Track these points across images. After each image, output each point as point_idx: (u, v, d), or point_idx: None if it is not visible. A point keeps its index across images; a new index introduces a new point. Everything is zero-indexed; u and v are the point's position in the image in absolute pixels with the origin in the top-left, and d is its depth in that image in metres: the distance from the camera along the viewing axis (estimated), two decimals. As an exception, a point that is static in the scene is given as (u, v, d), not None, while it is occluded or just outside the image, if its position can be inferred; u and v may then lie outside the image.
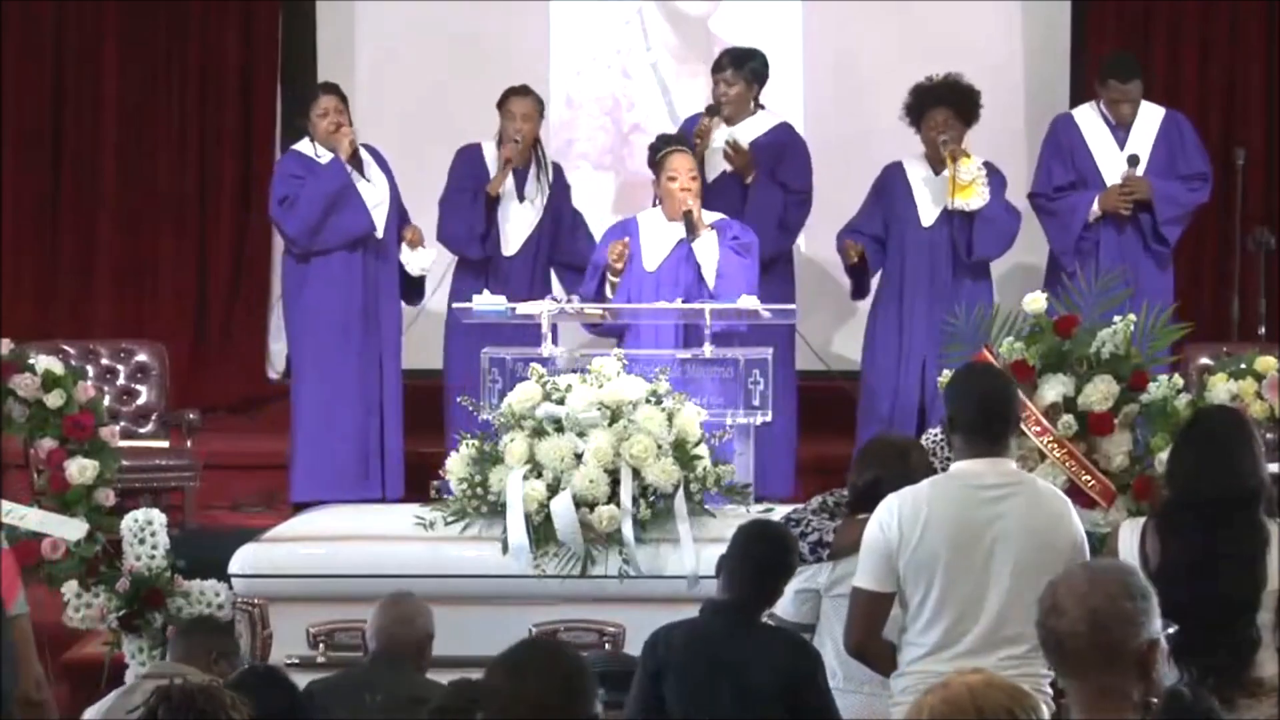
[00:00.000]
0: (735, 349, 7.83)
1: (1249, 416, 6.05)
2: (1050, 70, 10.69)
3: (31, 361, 7.47)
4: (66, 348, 9.06)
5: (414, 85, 10.60)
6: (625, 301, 8.27)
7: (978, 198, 8.86)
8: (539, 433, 6.96)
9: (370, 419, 8.94)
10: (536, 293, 8.86)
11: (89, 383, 7.74)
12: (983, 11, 10.67)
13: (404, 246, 9.02)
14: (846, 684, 5.42)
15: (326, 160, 8.91)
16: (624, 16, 10.86)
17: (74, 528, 7.24)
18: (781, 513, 6.10)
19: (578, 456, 6.89)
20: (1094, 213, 9.08)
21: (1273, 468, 5.53)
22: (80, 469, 7.37)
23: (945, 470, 5.32)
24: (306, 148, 9.00)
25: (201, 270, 10.83)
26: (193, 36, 10.73)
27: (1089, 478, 6.95)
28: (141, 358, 9.39)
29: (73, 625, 6.90)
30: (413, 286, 9.15)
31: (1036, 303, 7.20)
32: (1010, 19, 10.72)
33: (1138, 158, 9.10)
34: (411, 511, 7.20)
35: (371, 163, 9.04)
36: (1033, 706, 3.31)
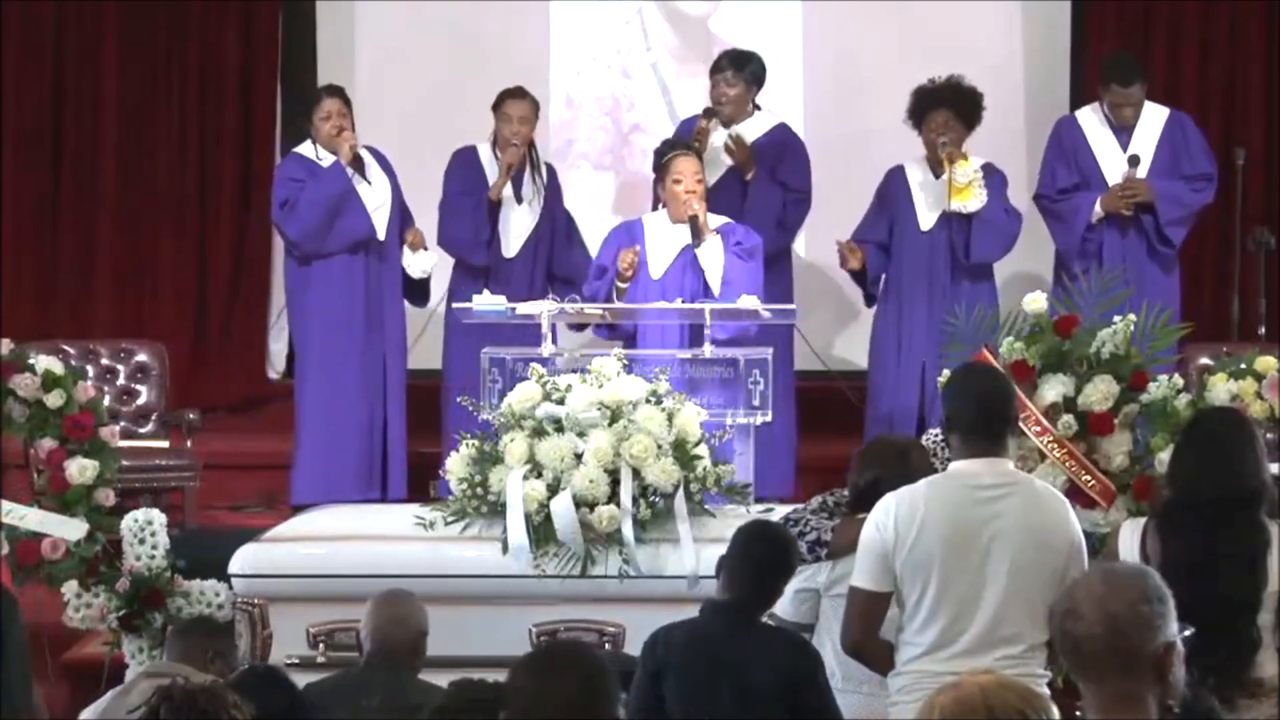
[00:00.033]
0: (736, 349, 7.82)
1: (1250, 417, 6.05)
2: (1050, 70, 10.70)
3: (31, 361, 7.46)
4: (66, 348, 9.06)
5: (414, 85, 10.60)
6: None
7: (975, 200, 8.86)
8: (539, 433, 6.95)
9: (373, 422, 8.93)
10: (536, 293, 8.85)
11: (89, 383, 7.72)
12: (983, 11, 10.67)
13: (405, 249, 9.02)
14: (845, 684, 5.42)
15: (328, 163, 8.90)
16: (624, 16, 10.86)
17: (74, 528, 7.23)
18: (781, 513, 6.10)
19: (578, 456, 6.88)
20: (1096, 213, 9.08)
21: (1273, 468, 5.53)
22: (80, 469, 7.36)
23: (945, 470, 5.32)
24: (308, 150, 8.99)
25: (201, 270, 10.83)
26: (193, 36, 10.73)
27: (1089, 478, 6.94)
28: (141, 358, 9.38)
29: (73, 625, 6.91)
30: (416, 289, 9.14)
31: (1036, 303, 7.19)
32: (1010, 19, 10.72)
33: (1138, 158, 9.09)
34: (411, 511, 7.19)
35: (374, 165, 9.03)
36: (1044, 707, 3.31)
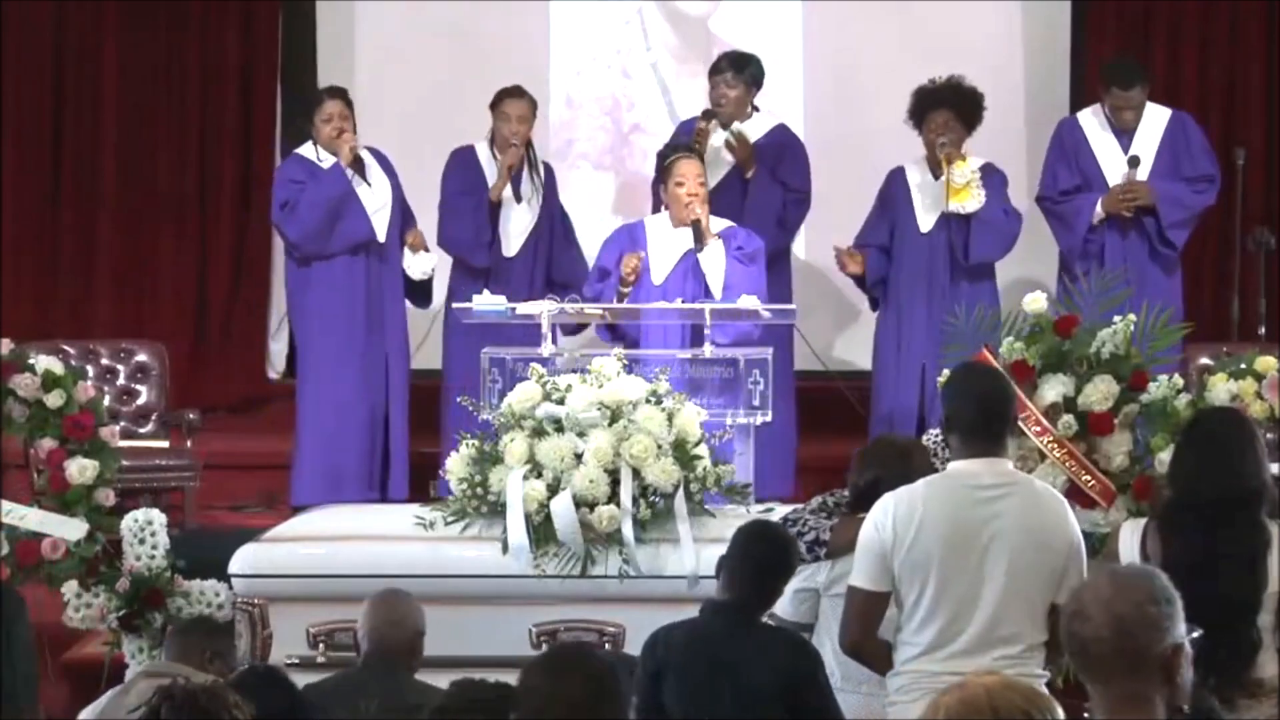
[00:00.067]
0: (736, 349, 7.82)
1: (1250, 417, 6.05)
2: (1050, 70, 10.69)
3: (31, 361, 7.46)
4: (66, 348, 9.06)
5: (414, 85, 10.59)
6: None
7: (974, 200, 8.85)
8: (539, 433, 6.94)
9: (374, 422, 8.93)
10: (536, 293, 8.85)
11: (89, 383, 7.73)
12: (983, 12, 10.67)
13: (405, 250, 9.01)
14: (844, 683, 5.41)
15: (328, 165, 8.90)
16: (624, 16, 10.86)
17: (74, 528, 7.23)
18: (781, 513, 6.10)
19: (578, 456, 6.87)
20: (1097, 214, 9.08)
21: (1274, 468, 5.53)
22: (80, 469, 7.36)
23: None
24: (309, 151, 8.99)
25: (201, 270, 10.83)
26: (193, 36, 10.73)
27: (1089, 478, 6.94)
28: (141, 358, 9.39)
29: (73, 625, 6.90)
30: (419, 290, 9.14)
31: (1036, 303, 7.19)
32: (1010, 19, 10.72)
33: (1138, 159, 9.09)
34: (411, 511, 7.19)
35: (375, 166, 9.02)
36: (1048, 708, 3.31)
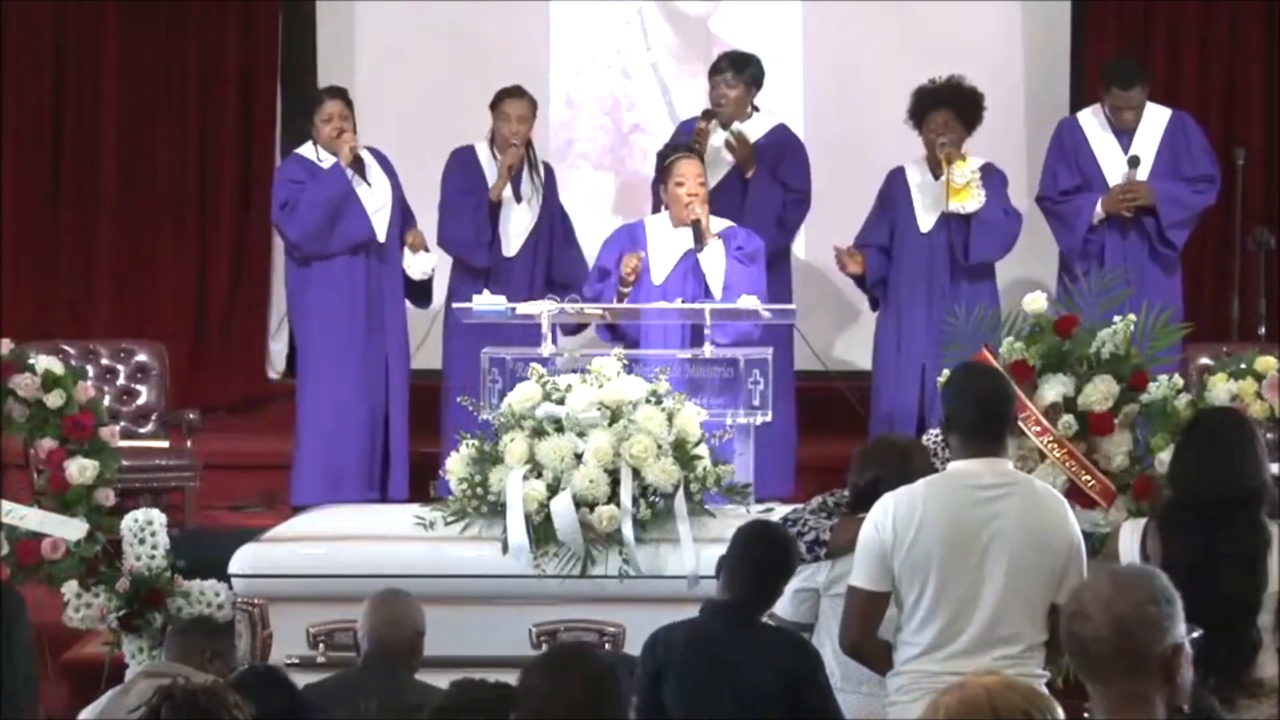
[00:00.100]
0: (736, 349, 7.82)
1: (1250, 417, 6.05)
2: (1050, 70, 10.69)
3: (31, 361, 7.46)
4: (66, 348, 9.05)
5: (414, 85, 10.59)
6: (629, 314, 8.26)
7: (973, 200, 8.85)
8: (539, 433, 6.94)
9: (374, 423, 8.93)
10: (536, 292, 8.85)
11: (89, 383, 7.72)
12: (983, 12, 10.67)
13: (405, 251, 9.01)
14: (845, 683, 5.41)
15: (328, 165, 8.90)
16: (624, 16, 10.86)
17: (74, 528, 7.23)
18: (781, 513, 6.10)
19: (578, 456, 6.87)
20: (1097, 214, 9.08)
21: (1274, 468, 5.53)
22: (80, 469, 7.36)
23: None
24: (309, 151, 8.99)
25: (201, 270, 10.83)
26: (193, 36, 10.73)
27: (1089, 478, 6.94)
28: (141, 358, 9.38)
29: (73, 625, 6.90)
30: (419, 290, 9.13)
31: (1036, 303, 7.18)
32: (1010, 19, 10.72)
33: (1138, 159, 9.09)
34: (411, 511, 7.18)
35: (375, 166, 9.02)
36: (1049, 708, 3.30)
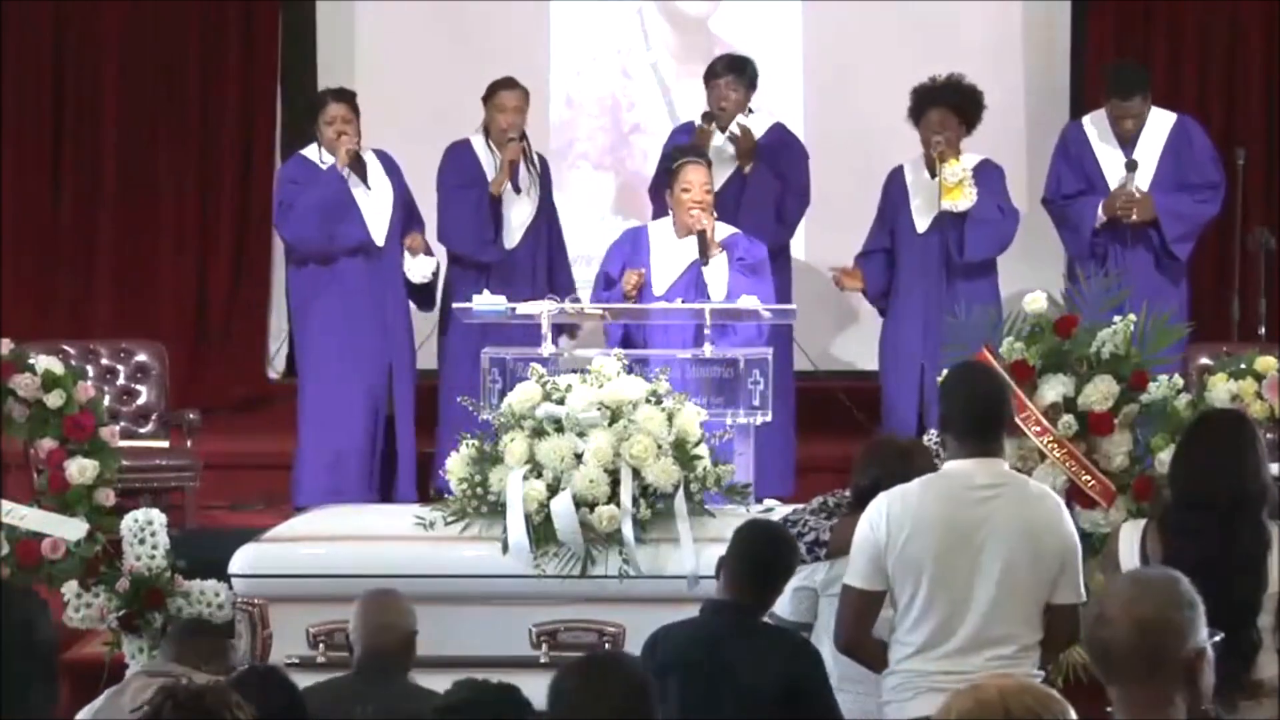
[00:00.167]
0: (736, 349, 7.82)
1: (1251, 418, 6.05)
2: (1050, 70, 10.70)
3: (31, 361, 7.45)
4: (66, 348, 9.04)
5: (414, 85, 10.59)
6: (634, 327, 8.25)
7: (965, 199, 8.85)
8: (539, 433, 6.94)
9: (376, 425, 8.92)
10: (537, 284, 8.86)
11: (89, 383, 7.72)
12: (983, 12, 10.68)
13: (405, 254, 9.00)
14: (842, 683, 5.40)
15: (329, 166, 8.90)
16: (624, 16, 10.86)
17: (74, 528, 7.23)
18: (781, 513, 6.10)
19: (578, 456, 6.87)
20: (1099, 218, 9.07)
21: (1274, 469, 5.53)
22: (80, 469, 7.35)
23: (943, 471, 5.32)
24: (312, 153, 8.99)
25: (201, 270, 10.83)
26: (193, 36, 10.73)
27: (1089, 478, 6.93)
28: (141, 358, 9.38)
29: (73, 625, 6.89)
30: (422, 292, 9.12)
31: (1036, 303, 7.18)
32: (1010, 19, 10.72)
33: (1136, 163, 9.06)
34: (411, 511, 7.19)
35: (378, 169, 9.01)
36: (1062, 710, 3.29)
